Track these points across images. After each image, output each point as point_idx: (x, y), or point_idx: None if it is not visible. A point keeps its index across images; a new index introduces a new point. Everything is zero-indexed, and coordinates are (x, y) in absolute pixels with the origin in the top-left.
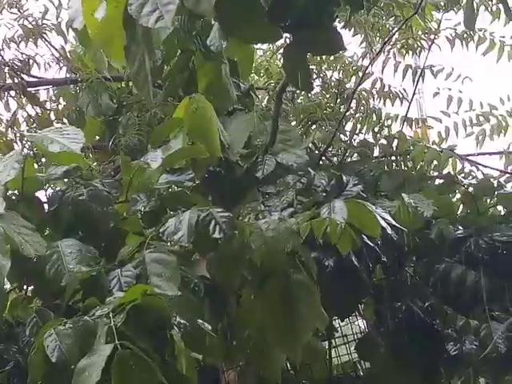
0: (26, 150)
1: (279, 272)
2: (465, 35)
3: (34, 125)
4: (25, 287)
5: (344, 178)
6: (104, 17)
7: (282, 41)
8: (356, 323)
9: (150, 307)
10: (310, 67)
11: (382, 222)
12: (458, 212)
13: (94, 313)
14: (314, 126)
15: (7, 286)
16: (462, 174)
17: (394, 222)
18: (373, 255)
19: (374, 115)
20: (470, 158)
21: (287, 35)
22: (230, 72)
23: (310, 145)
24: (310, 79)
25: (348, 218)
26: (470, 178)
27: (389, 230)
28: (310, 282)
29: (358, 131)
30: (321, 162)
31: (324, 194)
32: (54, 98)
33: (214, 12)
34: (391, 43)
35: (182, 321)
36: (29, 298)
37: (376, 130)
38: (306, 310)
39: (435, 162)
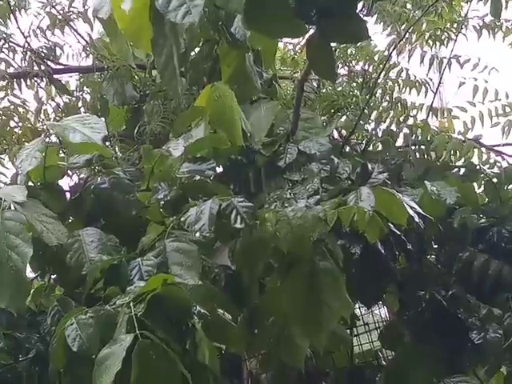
0: (53, 139)
1: (306, 259)
2: (492, 25)
3: (63, 114)
4: (48, 276)
5: (369, 165)
6: (131, 8)
7: None
8: (377, 312)
9: (170, 297)
10: (335, 56)
11: (410, 210)
12: (481, 202)
13: (115, 302)
14: (336, 114)
15: (31, 274)
16: (487, 165)
17: (420, 211)
18: (398, 243)
19: (399, 105)
20: (495, 148)
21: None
22: (254, 61)
23: (335, 133)
24: (335, 68)
25: (375, 206)
26: (496, 168)
27: (416, 219)
28: (337, 269)
29: (383, 121)
30: (344, 151)
31: (349, 182)
32: (80, 87)
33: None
34: (418, 34)
35: (203, 310)
36: (52, 286)
37: (401, 119)
38: (332, 298)
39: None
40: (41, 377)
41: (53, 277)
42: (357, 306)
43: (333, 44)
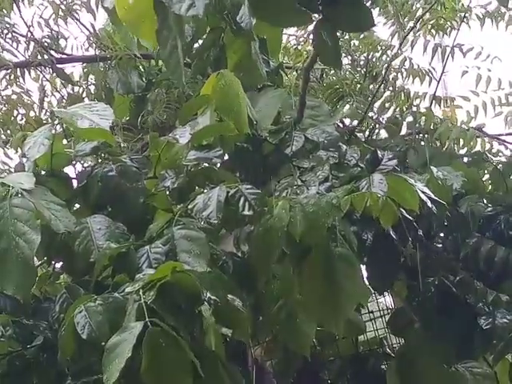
0: (57, 127)
1: (320, 246)
2: (495, 14)
3: (67, 105)
4: (52, 263)
5: (379, 152)
6: None
7: None
8: (380, 300)
9: (180, 284)
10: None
11: (423, 196)
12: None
13: (124, 289)
14: (340, 102)
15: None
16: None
17: (433, 195)
18: (410, 229)
19: (402, 94)
20: (498, 137)
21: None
22: (260, 49)
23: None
24: (340, 56)
25: (387, 192)
26: (499, 156)
27: (429, 204)
28: (352, 255)
29: (386, 109)
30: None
31: (358, 169)
32: (84, 77)
33: None
34: (421, 23)
35: (213, 297)
36: (56, 273)
37: (404, 108)
38: (349, 284)
39: (462, 141)
40: (49, 364)
41: (58, 264)
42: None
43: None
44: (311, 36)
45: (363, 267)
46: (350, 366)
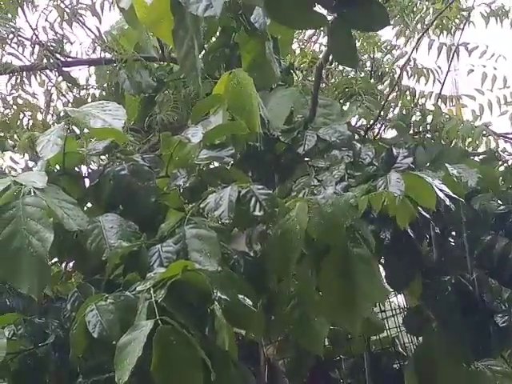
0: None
1: (339, 246)
2: (500, 12)
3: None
4: (64, 262)
5: (394, 150)
6: None
7: None
8: (392, 299)
9: (190, 283)
10: None
11: (440, 194)
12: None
13: (135, 288)
14: (348, 102)
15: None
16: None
17: (451, 194)
18: (427, 227)
19: (407, 93)
20: (506, 136)
21: None
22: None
23: None
24: (356, 55)
25: (404, 191)
26: (506, 153)
27: (447, 202)
28: (370, 255)
29: (392, 108)
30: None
31: (374, 168)
32: (90, 81)
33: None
34: (426, 23)
35: (223, 296)
36: (68, 272)
37: (410, 108)
38: (367, 284)
39: (469, 140)
40: (61, 362)
41: (70, 264)
42: None
43: None
44: (315, 37)
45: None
46: (362, 365)
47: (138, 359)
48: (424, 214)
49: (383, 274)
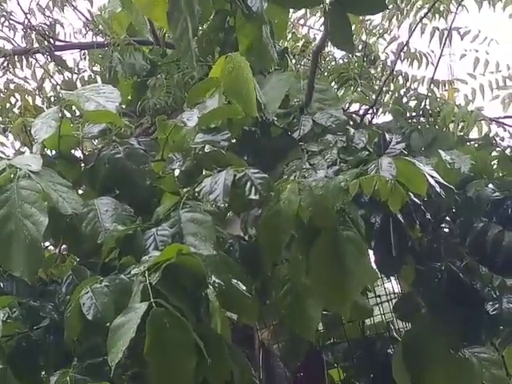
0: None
1: (329, 229)
2: None
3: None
4: (59, 245)
5: (387, 135)
6: None
7: None
8: (386, 284)
9: (185, 266)
10: None
11: (431, 180)
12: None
13: (130, 271)
14: (343, 87)
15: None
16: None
17: (442, 180)
18: (418, 213)
19: (400, 77)
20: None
21: None
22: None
23: None
24: (352, 39)
25: (396, 176)
26: (499, 138)
27: (437, 188)
28: (360, 238)
29: (385, 93)
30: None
31: (366, 153)
32: (80, 65)
33: None
34: (418, 6)
35: (218, 280)
36: (62, 256)
37: (402, 92)
38: (356, 267)
39: (461, 124)
40: (55, 345)
41: (64, 246)
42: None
43: None
44: (309, 22)
45: (371, 251)
46: (356, 350)
47: (131, 341)
48: (415, 199)
49: (373, 259)
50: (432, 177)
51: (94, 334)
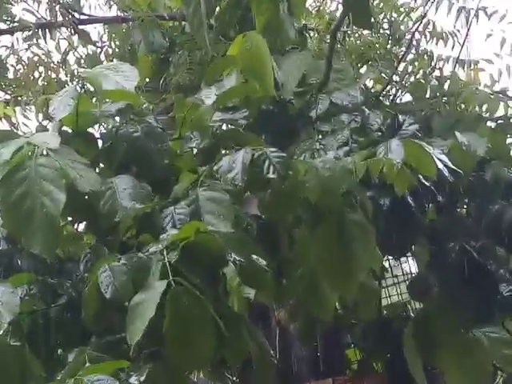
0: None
1: (335, 211)
2: None
3: (85, 66)
4: (77, 223)
5: (400, 117)
6: None
7: None
8: (405, 264)
9: (203, 244)
10: None
11: (439, 163)
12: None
13: (148, 249)
14: (365, 67)
15: None
16: None
17: (450, 164)
18: (428, 195)
19: (425, 56)
20: None
21: None
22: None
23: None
24: (371, 17)
25: (404, 158)
26: None
27: (445, 172)
28: (366, 221)
29: (409, 73)
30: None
31: (379, 134)
32: (104, 38)
33: None
34: None
35: (237, 257)
36: (80, 233)
37: (427, 71)
38: (361, 250)
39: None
40: (73, 323)
41: (81, 224)
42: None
43: None
44: None
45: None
46: (373, 330)
47: (150, 319)
48: (424, 182)
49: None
50: (440, 160)
51: (112, 312)
